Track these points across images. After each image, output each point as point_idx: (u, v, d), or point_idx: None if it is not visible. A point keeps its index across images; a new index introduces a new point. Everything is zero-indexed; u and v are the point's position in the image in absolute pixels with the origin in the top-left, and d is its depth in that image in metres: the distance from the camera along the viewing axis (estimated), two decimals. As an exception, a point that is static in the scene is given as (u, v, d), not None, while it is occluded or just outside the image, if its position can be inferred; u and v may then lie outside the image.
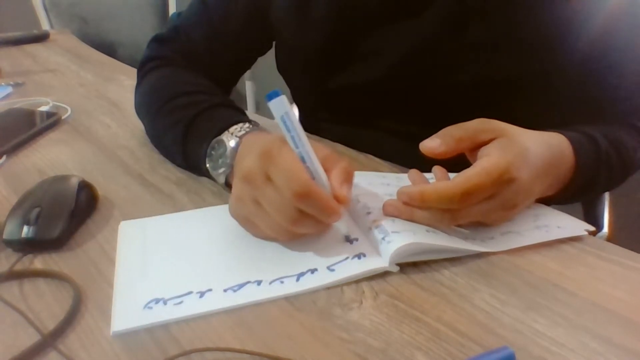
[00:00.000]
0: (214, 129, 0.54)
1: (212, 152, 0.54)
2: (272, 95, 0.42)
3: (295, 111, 0.80)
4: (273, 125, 0.77)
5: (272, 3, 0.68)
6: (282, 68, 0.75)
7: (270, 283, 0.41)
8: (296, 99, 0.79)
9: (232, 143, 0.52)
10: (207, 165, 0.54)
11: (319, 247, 0.45)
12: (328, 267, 0.42)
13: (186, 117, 0.58)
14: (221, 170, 0.53)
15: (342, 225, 0.47)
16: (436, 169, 0.49)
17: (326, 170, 0.44)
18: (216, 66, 0.72)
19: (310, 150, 0.43)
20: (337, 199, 0.43)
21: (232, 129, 0.53)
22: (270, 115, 0.54)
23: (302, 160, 0.43)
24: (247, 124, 0.54)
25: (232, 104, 0.61)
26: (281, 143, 0.43)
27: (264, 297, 0.40)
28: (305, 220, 0.42)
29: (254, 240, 0.47)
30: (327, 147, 0.46)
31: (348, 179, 0.44)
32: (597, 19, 0.56)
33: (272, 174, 0.42)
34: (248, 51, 0.75)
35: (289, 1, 0.66)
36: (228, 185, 0.53)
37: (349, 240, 0.46)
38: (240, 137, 0.52)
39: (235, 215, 0.47)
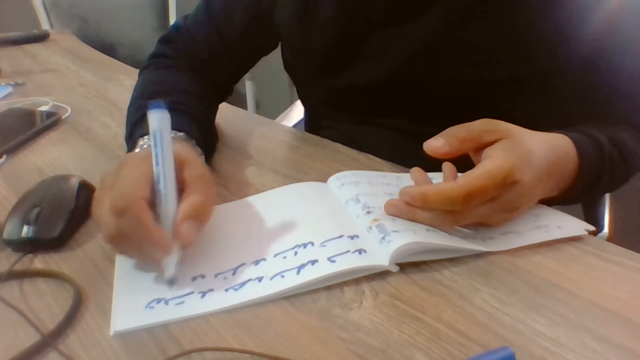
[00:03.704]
0: (140, 132, 0.53)
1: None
2: (154, 106, 0.41)
3: (300, 109, 0.80)
4: (273, 125, 0.78)
5: (276, 6, 0.68)
6: (288, 67, 0.75)
7: (271, 278, 0.41)
8: (302, 97, 0.79)
9: (137, 150, 0.51)
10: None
11: (320, 238, 0.45)
12: (329, 259, 0.42)
13: (135, 117, 0.58)
14: None
15: (168, 266, 0.41)
16: (446, 165, 0.49)
17: (187, 196, 0.42)
18: (218, 66, 0.72)
19: (169, 174, 0.41)
20: (175, 233, 0.40)
21: (142, 140, 0.52)
22: (270, 115, 0.54)
23: (157, 180, 0.41)
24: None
25: (180, 109, 0.58)
26: (144, 157, 0.42)
27: (266, 293, 0.40)
28: (124, 242, 0.40)
29: (254, 239, 0.47)
30: (204, 180, 0.44)
31: (195, 216, 0.41)
32: (597, 19, 0.56)
33: (113, 183, 0.41)
34: (251, 52, 0.76)
35: (293, 4, 0.66)
36: None
37: (171, 283, 0.41)
38: (141, 148, 0.51)
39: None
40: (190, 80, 0.68)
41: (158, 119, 0.41)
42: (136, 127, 0.56)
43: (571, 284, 0.41)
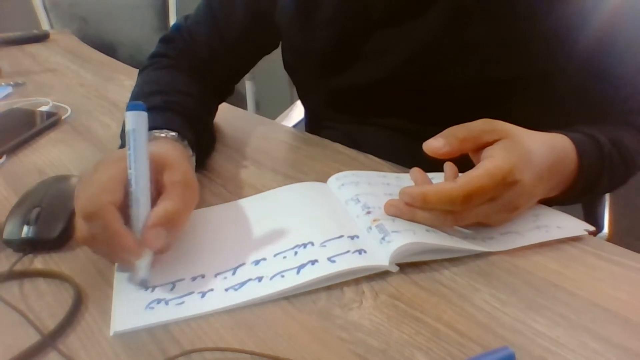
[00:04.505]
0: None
1: None
2: (132, 107, 0.41)
3: (300, 109, 0.80)
4: (273, 125, 0.78)
5: (276, 6, 0.68)
6: (288, 67, 0.75)
7: (271, 278, 0.41)
8: (302, 97, 0.79)
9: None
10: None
11: (320, 238, 0.45)
12: (329, 259, 0.42)
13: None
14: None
15: (141, 269, 0.41)
16: (447, 165, 0.49)
17: (162, 201, 0.42)
18: (218, 65, 0.73)
19: (143, 176, 0.41)
20: (142, 239, 0.40)
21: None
22: (270, 115, 0.54)
23: (129, 183, 0.41)
24: (158, 132, 0.53)
25: (172, 108, 0.58)
26: (120, 158, 0.42)
27: (266, 293, 0.40)
28: (94, 241, 0.41)
29: (254, 239, 0.47)
30: (185, 179, 0.44)
31: (167, 223, 0.41)
32: (598, 19, 0.56)
33: (85, 184, 0.42)
34: (251, 51, 0.76)
35: (293, 4, 0.66)
36: None
37: (144, 285, 0.41)
38: None
39: None
40: (188, 81, 0.68)
41: (134, 119, 0.41)
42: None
43: (571, 284, 0.41)
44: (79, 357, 0.35)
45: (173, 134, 0.53)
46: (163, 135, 0.53)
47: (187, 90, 0.65)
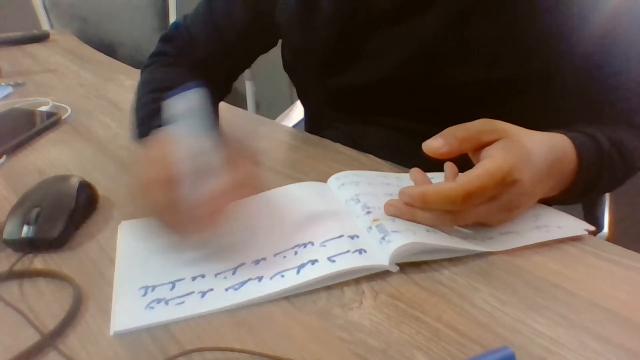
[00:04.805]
0: (156, 123, 0.54)
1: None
2: (187, 88, 0.42)
3: (300, 109, 0.81)
4: (273, 125, 0.78)
5: (276, 5, 0.68)
6: (287, 67, 0.75)
7: (271, 278, 0.41)
8: (301, 97, 0.79)
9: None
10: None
11: (320, 238, 0.45)
12: (329, 259, 0.42)
13: (145, 112, 0.61)
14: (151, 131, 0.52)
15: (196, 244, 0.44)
16: (448, 165, 0.49)
17: (231, 171, 0.43)
18: (218, 64, 0.73)
19: (210, 150, 0.43)
20: (215, 206, 0.42)
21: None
22: (270, 114, 0.54)
23: (197, 157, 0.42)
24: None
25: None
26: (182, 134, 0.43)
27: (266, 293, 0.40)
28: (172, 213, 0.42)
29: (254, 239, 0.47)
30: (238, 152, 0.46)
31: (240, 188, 0.43)
32: (597, 19, 0.56)
33: (158, 158, 0.43)
34: (250, 50, 0.76)
35: (293, 4, 0.66)
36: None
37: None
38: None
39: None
40: (193, 78, 0.68)
41: (191, 98, 0.42)
42: (153, 119, 0.57)
43: (571, 284, 0.41)
44: (79, 357, 0.35)
45: None
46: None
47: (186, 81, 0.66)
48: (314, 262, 0.42)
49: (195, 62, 0.71)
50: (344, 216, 0.49)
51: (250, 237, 0.47)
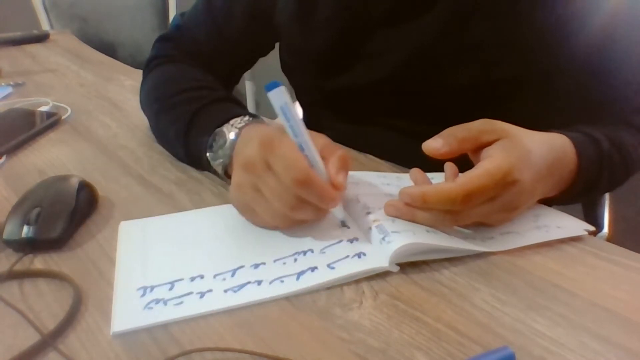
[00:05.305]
0: (215, 122, 0.55)
1: (213, 143, 0.55)
2: (271, 86, 0.43)
3: (299, 109, 0.81)
4: (272, 124, 0.77)
5: (275, 5, 0.68)
6: (286, 68, 0.75)
7: (271, 282, 0.41)
8: (300, 98, 0.79)
9: (232, 134, 0.53)
10: (208, 155, 0.55)
11: (319, 245, 0.45)
12: (328, 265, 0.42)
13: (189, 111, 0.59)
14: (220, 160, 0.54)
15: (338, 212, 0.48)
16: (448, 165, 0.49)
17: (323, 159, 0.45)
18: (218, 65, 0.73)
19: (308, 140, 0.44)
20: (334, 185, 0.44)
21: (232, 121, 0.54)
22: (269, 114, 0.54)
23: (301, 149, 0.44)
24: (247, 117, 0.55)
25: (233, 98, 0.62)
26: (281, 133, 0.44)
27: (264, 296, 0.40)
28: (304, 207, 0.44)
29: (255, 240, 0.47)
30: (324, 137, 0.48)
31: (344, 166, 0.46)
32: (598, 19, 0.56)
33: (272, 162, 0.43)
34: (250, 51, 0.76)
35: (293, 4, 0.66)
36: (227, 176, 0.54)
37: (345, 225, 0.47)
38: (240, 129, 0.53)
39: (236, 202, 0.48)
40: (206, 75, 0.69)
41: (280, 95, 0.43)
42: (205, 116, 0.58)
43: (571, 284, 0.41)
44: (79, 357, 0.35)
45: (247, 117, 0.55)
46: (246, 119, 0.54)
47: (212, 81, 0.67)
48: (313, 269, 0.42)
49: (197, 62, 0.71)
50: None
51: (250, 241, 0.47)
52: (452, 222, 0.45)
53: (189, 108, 0.60)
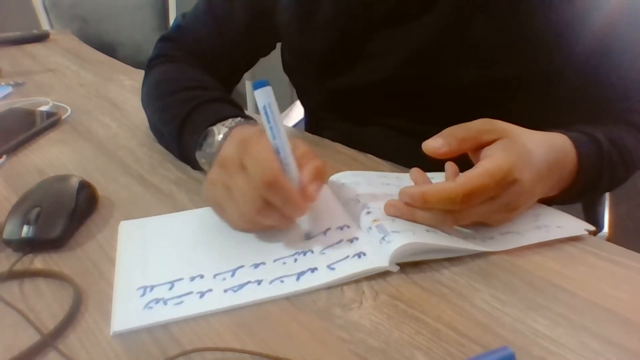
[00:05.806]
0: (207, 121, 0.55)
1: (203, 143, 0.55)
2: (258, 85, 0.43)
3: (300, 109, 0.81)
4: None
5: (276, 6, 0.68)
6: (287, 68, 0.75)
7: (271, 282, 0.41)
8: (301, 98, 0.79)
9: (220, 135, 0.53)
10: (196, 154, 0.56)
11: (320, 245, 0.45)
12: (328, 266, 0.42)
13: (184, 110, 0.60)
14: (205, 159, 0.55)
15: (304, 223, 0.47)
16: (448, 165, 0.49)
17: (300, 166, 0.45)
18: (219, 65, 0.73)
19: (286, 144, 0.44)
20: (304, 194, 0.44)
21: (224, 122, 0.54)
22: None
23: (277, 151, 0.44)
24: (239, 118, 0.55)
25: (229, 99, 0.62)
26: (260, 134, 0.45)
27: (264, 296, 0.40)
28: (270, 211, 0.43)
29: (255, 239, 0.47)
30: (306, 145, 0.48)
31: (319, 177, 0.45)
32: (598, 19, 0.56)
33: (245, 161, 0.43)
34: (251, 52, 0.76)
35: (294, 5, 0.66)
36: None
37: (309, 237, 0.46)
38: (230, 129, 0.53)
39: (206, 197, 0.48)
40: (205, 75, 0.69)
41: (265, 94, 0.43)
42: (199, 115, 0.58)
43: (571, 284, 0.41)
44: (79, 357, 0.35)
45: (239, 118, 0.55)
46: (238, 120, 0.55)
47: (211, 81, 0.67)
48: (313, 270, 0.42)
49: (198, 63, 0.72)
50: (344, 217, 0.48)
51: (250, 240, 0.47)
52: (452, 221, 0.45)
53: (184, 107, 0.60)
